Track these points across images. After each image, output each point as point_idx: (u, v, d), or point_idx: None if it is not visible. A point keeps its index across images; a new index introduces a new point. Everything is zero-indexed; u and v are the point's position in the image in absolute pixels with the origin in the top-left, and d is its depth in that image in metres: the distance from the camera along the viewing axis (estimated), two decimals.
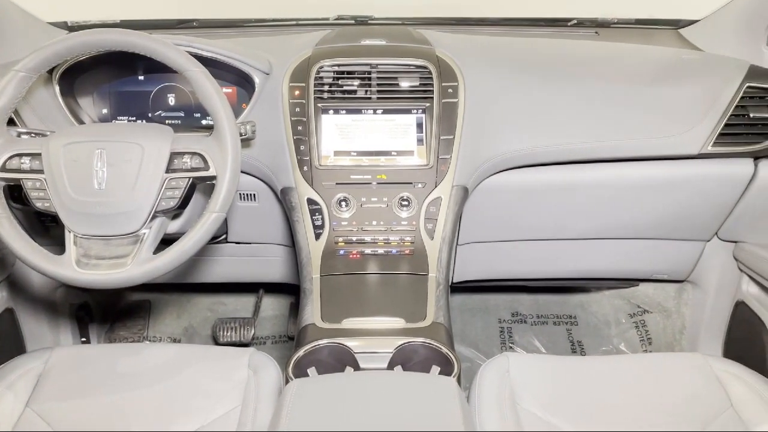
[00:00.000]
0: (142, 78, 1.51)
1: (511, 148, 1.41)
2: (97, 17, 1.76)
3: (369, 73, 1.39)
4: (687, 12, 1.77)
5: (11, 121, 1.35)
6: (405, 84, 1.39)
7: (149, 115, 1.52)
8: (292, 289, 2.06)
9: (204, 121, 1.52)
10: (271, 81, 1.41)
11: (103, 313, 2.07)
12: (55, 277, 1.16)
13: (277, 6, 1.88)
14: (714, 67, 1.48)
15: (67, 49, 1.18)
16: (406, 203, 1.34)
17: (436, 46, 1.45)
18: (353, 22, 1.81)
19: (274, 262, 1.72)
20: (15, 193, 1.33)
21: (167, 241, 1.21)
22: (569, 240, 1.66)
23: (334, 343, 1.13)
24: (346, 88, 1.39)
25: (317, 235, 1.33)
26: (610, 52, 1.59)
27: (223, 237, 1.63)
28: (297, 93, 1.37)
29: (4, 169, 1.16)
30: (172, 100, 1.52)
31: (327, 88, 1.39)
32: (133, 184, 1.15)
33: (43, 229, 1.56)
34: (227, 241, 1.64)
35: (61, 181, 1.14)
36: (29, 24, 1.62)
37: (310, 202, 1.34)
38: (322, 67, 1.39)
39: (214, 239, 1.62)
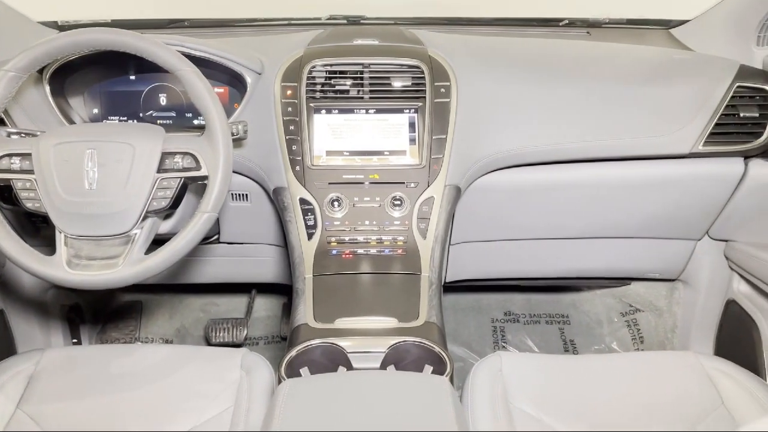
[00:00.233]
0: (133, 78, 1.51)
1: (503, 147, 1.41)
2: (87, 17, 1.75)
3: (361, 72, 1.39)
4: (678, 12, 1.77)
5: (1, 122, 1.35)
6: (397, 84, 1.39)
7: (140, 115, 1.51)
8: (284, 290, 2.05)
9: (196, 121, 1.52)
10: (263, 81, 1.40)
11: (95, 314, 2.06)
12: (45, 278, 1.15)
13: (269, 6, 1.88)
14: (704, 67, 1.49)
15: (57, 49, 1.17)
16: (398, 203, 1.34)
17: (429, 45, 1.45)
18: (345, 21, 1.81)
19: (267, 263, 1.72)
20: (5, 194, 1.32)
21: (159, 241, 1.21)
22: (562, 239, 1.67)
23: (327, 343, 1.12)
24: (338, 87, 1.39)
25: (310, 235, 1.33)
26: (601, 52, 1.59)
27: (215, 237, 1.62)
28: (289, 93, 1.37)
29: None
30: (163, 100, 1.51)
31: (319, 87, 1.39)
32: (125, 184, 1.14)
33: (34, 230, 1.55)
34: (219, 242, 1.64)
35: (51, 182, 1.14)
36: (19, 23, 1.61)
37: (303, 202, 1.34)
38: (314, 66, 1.38)
39: (206, 239, 1.62)
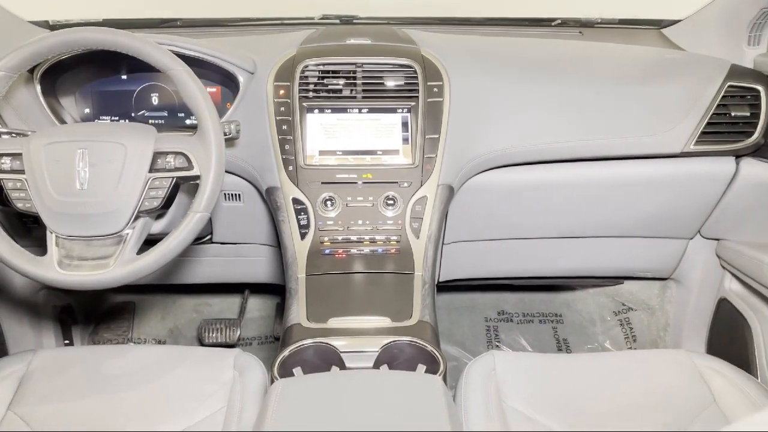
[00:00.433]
0: (125, 77, 1.50)
1: (495, 147, 1.42)
2: (79, 16, 1.74)
3: (354, 72, 1.39)
4: (669, 12, 1.78)
5: None
6: (390, 83, 1.39)
7: (132, 114, 1.51)
8: (277, 290, 2.05)
9: (188, 121, 1.51)
10: (256, 80, 1.40)
11: (87, 314, 2.05)
12: (36, 279, 1.15)
13: (262, 5, 1.87)
14: (696, 67, 1.50)
15: (48, 48, 1.17)
16: (391, 202, 1.34)
17: (421, 45, 1.45)
18: (338, 21, 1.81)
19: (260, 263, 1.71)
20: None
21: (151, 241, 1.20)
22: (555, 239, 1.67)
23: (320, 342, 1.12)
24: (331, 87, 1.39)
25: (303, 235, 1.33)
26: (594, 51, 1.60)
27: (208, 237, 1.61)
28: (282, 92, 1.37)
29: None
30: (155, 100, 1.51)
31: (312, 87, 1.38)
32: (116, 184, 1.14)
33: (25, 230, 1.54)
34: (212, 242, 1.63)
35: (42, 182, 1.13)
36: (10, 23, 1.60)
37: (296, 201, 1.34)
38: (307, 66, 1.38)
39: (199, 240, 1.61)
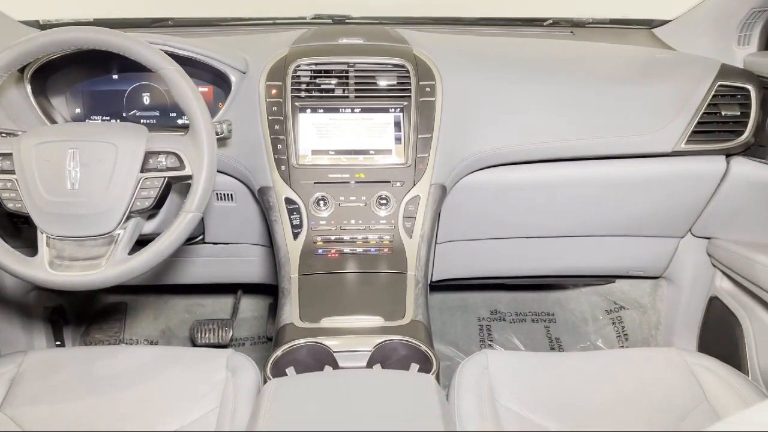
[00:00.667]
0: (116, 77, 1.49)
1: (488, 146, 1.42)
2: (69, 16, 1.73)
3: (346, 71, 1.39)
4: (660, 12, 1.79)
5: None
6: (383, 83, 1.39)
7: (123, 114, 1.50)
8: (270, 290, 2.05)
9: (180, 121, 1.51)
10: (248, 80, 1.40)
11: (78, 315, 2.04)
12: (27, 279, 1.14)
13: (254, 5, 1.87)
14: (686, 67, 1.51)
15: (39, 48, 1.16)
16: (384, 202, 1.34)
17: (414, 45, 1.46)
18: (330, 21, 1.80)
19: (252, 263, 1.71)
20: None
21: (143, 241, 1.19)
22: (547, 238, 1.68)
23: (313, 342, 1.12)
24: (323, 87, 1.39)
25: (295, 235, 1.32)
26: (585, 51, 1.60)
27: (200, 237, 1.61)
28: (274, 92, 1.36)
29: None
30: (146, 99, 1.50)
31: (304, 87, 1.38)
32: (107, 184, 1.13)
33: (15, 231, 1.53)
34: (204, 242, 1.63)
35: (33, 182, 1.12)
36: (0, 22, 1.59)
37: (288, 201, 1.33)
38: (299, 65, 1.38)
39: (191, 240, 1.61)
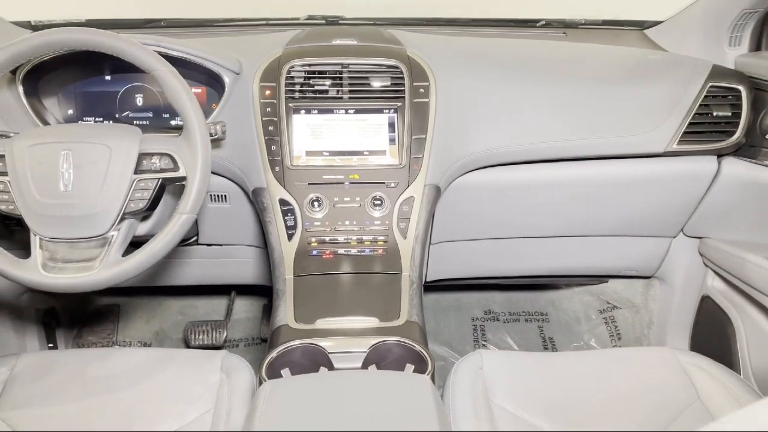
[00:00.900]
0: (108, 78, 1.49)
1: (482, 147, 1.42)
2: (61, 16, 1.72)
3: (340, 72, 1.39)
4: (652, 13, 1.80)
5: None
6: (376, 84, 1.39)
7: (117, 115, 1.49)
8: (264, 291, 2.04)
9: (173, 122, 1.50)
10: (242, 81, 1.39)
11: (71, 318, 2.03)
12: (20, 282, 1.13)
13: (247, 5, 1.87)
14: (678, 67, 1.51)
15: (31, 49, 1.15)
16: (378, 203, 1.34)
17: (407, 46, 1.46)
18: (324, 22, 1.80)
19: (247, 264, 1.71)
20: None
21: (136, 243, 1.19)
22: (540, 238, 1.68)
23: (308, 343, 1.12)
24: (317, 87, 1.39)
25: (290, 236, 1.32)
26: (578, 52, 1.61)
27: (194, 239, 1.61)
28: (268, 93, 1.36)
29: None
30: (140, 101, 1.50)
31: (298, 88, 1.38)
32: (101, 185, 1.13)
33: (8, 233, 1.53)
34: (198, 243, 1.62)
35: (25, 184, 1.12)
36: None
37: (282, 202, 1.33)
38: (293, 66, 1.38)
39: (185, 241, 1.60)
